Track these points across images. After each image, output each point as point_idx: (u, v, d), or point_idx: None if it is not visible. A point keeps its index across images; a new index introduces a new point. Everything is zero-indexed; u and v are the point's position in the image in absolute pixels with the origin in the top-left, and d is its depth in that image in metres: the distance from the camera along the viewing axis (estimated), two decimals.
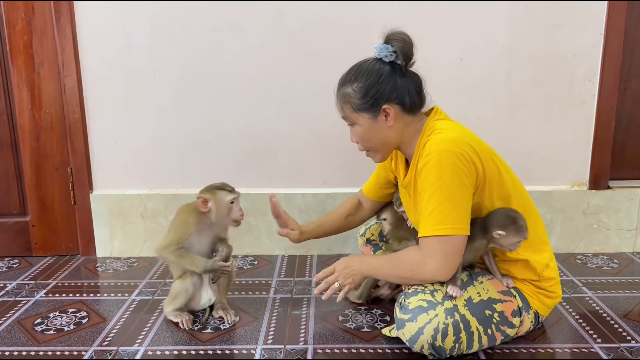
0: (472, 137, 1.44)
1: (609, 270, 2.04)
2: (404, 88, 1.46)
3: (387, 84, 1.44)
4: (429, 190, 1.38)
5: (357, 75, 1.47)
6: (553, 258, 1.55)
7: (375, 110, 1.45)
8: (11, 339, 1.58)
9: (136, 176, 2.18)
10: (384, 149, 1.54)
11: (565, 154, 2.16)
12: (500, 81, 2.09)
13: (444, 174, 1.35)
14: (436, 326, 1.36)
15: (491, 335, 1.43)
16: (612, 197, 2.17)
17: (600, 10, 2.03)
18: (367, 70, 1.46)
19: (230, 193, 1.61)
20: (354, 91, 1.46)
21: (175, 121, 2.14)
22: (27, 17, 2.04)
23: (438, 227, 1.36)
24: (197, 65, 2.09)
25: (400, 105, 1.46)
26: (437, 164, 1.36)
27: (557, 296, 1.55)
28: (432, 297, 1.40)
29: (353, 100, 1.47)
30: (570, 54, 2.07)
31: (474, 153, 1.38)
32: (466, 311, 1.39)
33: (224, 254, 1.64)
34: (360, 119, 1.48)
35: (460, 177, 1.35)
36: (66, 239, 2.24)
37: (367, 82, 1.45)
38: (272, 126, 2.14)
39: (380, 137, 1.50)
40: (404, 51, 1.45)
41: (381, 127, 1.48)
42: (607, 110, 2.11)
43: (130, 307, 1.77)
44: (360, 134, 1.51)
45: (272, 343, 1.54)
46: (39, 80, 2.10)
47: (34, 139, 2.14)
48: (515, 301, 1.47)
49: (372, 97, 1.45)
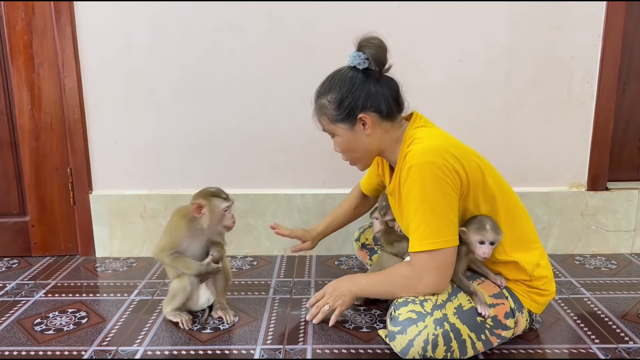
0: (453, 143, 1.42)
1: (607, 271, 2.05)
2: (379, 95, 1.45)
3: (361, 92, 1.44)
4: (413, 205, 1.38)
5: (330, 86, 1.47)
6: (544, 256, 1.54)
7: (352, 120, 1.46)
8: (11, 339, 1.58)
9: (136, 176, 2.19)
10: (366, 157, 1.55)
11: (563, 155, 2.17)
12: (499, 82, 2.10)
13: (427, 187, 1.35)
14: (426, 338, 1.36)
15: (486, 340, 1.42)
16: (610, 198, 2.18)
17: (599, 12, 2.04)
18: (340, 80, 1.46)
19: (225, 201, 1.62)
20: (329, 102, 1.47)
21: (175, 121, 2.14)
22: (27, 18, 2.04)
23: (426, 242, 1.37)
24: (197, 65, 2.09)
25: (376, 112, 1.46)
26: (419, 178, 1.35)
27: (550, 293, 1.53)
28: (422, 307, 1.40)
29: (329, 111, 1.47)
30: (569, 56, 2.07)
31: (455, 161, 1.36)
32: (456, 320, 1.38)
33: (215, 256, 1.64)
34: (338, 130, 1.49)
35: (444, 187, 1.35)
36: (65, 239, 2.24)
37: (340, 92, 1.45)
38: (272, 127, 2.15)
39: (360, 146, 1.50)
40: (377, 57, 1.43)
41: (360, 136, 1.48)
42: (606, 111, 2.12)
43: (129, 307, 1.78)
44: (341, 144, 1.52)
45: (272, 343, 1.54)
46: (39, 80, 2.10)
47: (34, 139, 2.15)
48: (507, 303, 1.47)
49: (346, 107, 1.44)
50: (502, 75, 2.09)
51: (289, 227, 1.88)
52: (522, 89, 2.11)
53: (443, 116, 2.09)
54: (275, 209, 2.20)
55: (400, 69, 1.50)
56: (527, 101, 2.11)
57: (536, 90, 2.11)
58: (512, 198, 1.51)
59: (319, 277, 2.01)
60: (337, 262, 2.16)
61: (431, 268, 1.39)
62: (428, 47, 2.07)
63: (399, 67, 1.50)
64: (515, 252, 1.48)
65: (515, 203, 1.52)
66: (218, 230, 1.66)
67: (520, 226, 1.50)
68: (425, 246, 1.37)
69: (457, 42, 2.07)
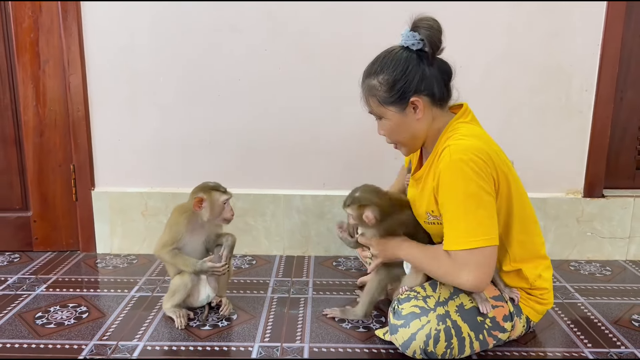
0: (493, 149, 1.40)
1: (601, 277, 2.07)
2: (433, 78, 1.41)
3: (415, 75, 1.39)
4: (453, 202, 1.35)
5: (382, 66, 1.42)
6: (549, 270, 1.54)
7: (403, 103, 1.41)
8: (12, 332, 1.60)
9: (137, 174, 2.21)
10: (412, 143, 1.50)
11: (560, 162, 2.19)
12: (497, 89, 2.13)
13: (469, 184, 1.32)
14: (428, 332, 1.38)
15: (483, 340, 1.45)
16: (606, 205, 2.20)
17: (597, 20, 2.07)
18: (394, 61, 1.40)
19: (224, 194, 1.67)
20: (380, 84, 1.41)
21: (177, 121, 2.17)
22: (34, 15, 2.07)
23: (468, 240, 1.33)
24: (200, 66, 2.12)
25: (429, 96, 1.42)
26: (462, 175, 1.32)
27: (548, 303, 1.56)
28: (425, 303, 1.42)
29: (379, 93, 1.42)
30: (567, 63, 2.10)
31: (492, 166, 1.35)
32: (457, 317, 1.41)
33: (229, 243, 1.70)
34: (387, 113, 1.44)
35: (485, 187, 1.33)
36: (67, 234, 2.27)
37: (393, 74, 1.39)
38: (273, 127, 2.17)
39: (408, 131, 1.46)
40: (431, 39, 1.39)
41: (409, 120, 1.43)
42: (603, 119, 2.14)
43: (129, 303, 1.80)
44: (388, 127, 1.47)
45: (269, 341, 1.57)
46: (44, 77, 2.13)
47: (38, 135, 2.17)
48: (506, 306, 1.48)
49: (399, 89, 1.39)
50: (500, 82, 2.12)
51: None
52: (520, 96, 2.13)
53: None
54: (274, 209, 2.23)
55: None
56: (524, 108, 2.14)
57: (534, 98, 2.13)
58: (528, 213, 1.49)
59: (317, 277, 2.03)
60: (335, 263, 2.18)
61: (472, 266, 1.34)
62: None
63: None
64: (521, 263, 1.49)
65: (531, 218, 1.50)
66: (217, 224, 1.70)
67: (531, 241, 1.50)
68: (466, 244, 1.33)
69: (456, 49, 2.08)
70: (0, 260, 2.17)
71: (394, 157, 2.03)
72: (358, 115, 2.13)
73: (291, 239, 2.26)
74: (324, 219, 2.22)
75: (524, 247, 1.48)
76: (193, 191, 1.68)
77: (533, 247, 1.51)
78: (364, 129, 2.11)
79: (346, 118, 2.15)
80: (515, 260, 1.48)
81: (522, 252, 1.48)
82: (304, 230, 2.25)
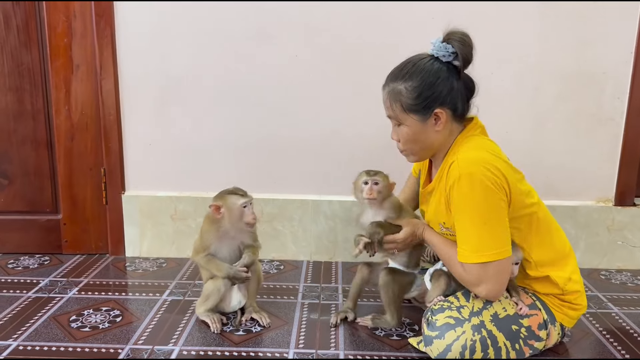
0: (502, 159, 1.41)
1: (633, 286, 2.05)
2: (458, 92, 1.42)
3: (443, 87, 1.40)
4: (464, 216, 1.36)
5: (412, 74, 1.41)
6: (577, 270, 1.54)
7: (427, 112, 1.41)
8: (48, 335, 1.62)
9: (168, 178, 2.23)
10: (424, 153, 1.51)
11: (591, 170, 2.18)
12: (529, 96, 2.12)
13: (477, 198, 1.33)
14: (464, 343, 1.38)
15: (519, 350, 1.44)
16: (637, 214, 2.18)
17: (631, 28, 2.05)
18: (424, 70, 1.40)
19: (242, 197, 1.64)
20: (406, 90, 1.41)
21: (207, 126, 2.18)
22: (68, 20, 2.09)
23: (480, 255, 1.35)
24: (231, 72, 2.13)
25: (451, 110, 1.43)
26: (470, 189, 1.34)
27: (582, 307, 1.54)
28: (459, 313, 1.42)
29: (404, 99, 1.42)
30: (600, 71, 2.09)
31: (502, 177, 1.36)
32: (493, 327, 1.40)
33: (245, 262, 1.67)
34: (408, 120, 1.44)
35: (494, 199, 1.34)
36: (96, 237, 2.29)
37: (422, 83, 1.40)
38: (302, 133, 2.18)
39: (425, 141, 1.46)
40: (464, 53, 1.40)
41: (429, 130, 1.44)
42: (635, 128, 2.13)
43: (162, 307, 1.81)
44: (405, 135, 1.47)
45: (304, 347, 1.57)
46: (77, 81, 2.15)
47: (69, 139, 2.19)
48: (540, 314, 1.48)
49: (426, 98, 1.40)
50: (532, 89, 2.11)
51: None
52: (552, 104, 2.12)
53: None
54: (302, 214, 2.23)
55: None
56: (556, 116, 2.13)
57: (565, 105, 2.12)
58: (545, 215, 1.50)
59: (346, 284, 2.03)
60: None
61: (483, 279, 1.37)
62: None
63: None
64: (546, 267, 1.48)
65: (548, 220, 1.51)
66: (241, 229, 1.67)
67: (550, 243, 1.50)
68: (478, 258, 1.35)
69: (489, 56, 2.08)
70: (31, 263, 2.19)
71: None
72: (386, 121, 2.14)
73: (318, 244, 2.26)
74: (351, 224, 2.22)
75: (544, 250, 1.48)
76: (212, 200, 1.67)
77: (553, 247, 1.50)
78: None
79: (374, 124, 2.13)
80: (540, 265, 1.47)
81: (543, 254, 1.47)
82: (331, 235, 2.25)
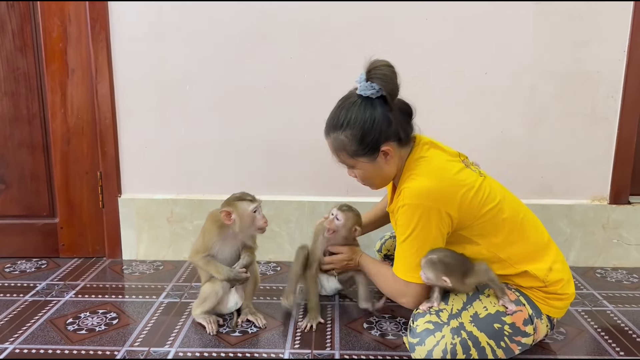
0: (448, 180, 1.43)
1: (628, 284, 2.06)
2: (397, 123, 1.45)
3: (382, 125, 1.42)
4: (402, 238, 1.46)
5: (348, 121, 1.43)
6: (558, 260, 1.51)
7: (375, 153, 1.45)
8: (45, 338, 1.62)
9: (164, 181, 2.23)
10: (383, 183, 1.58)
11: (586, 169, 2.18)
12: (524, 96, 2.12)
13: (415, 228, 1.41)
14: (444, 347, 1.39)
15: (506, 347, 1.44)
16: (632, 212, 2.19)
17: (624, 28, 2.06)
18: (359, 114, 1.42)
19: (252, 202, 1.64)
20: (348, 139, 1.44)
21: (203, 129, 2.19)
22: (63, 25, 2.10)
23: (407, 275, 1.47)
24: (226, 74, 2.14)
25: (396, 141, 1.46)
26: (409, 218, 1.41)
27: (569, 296, 1.52)
28: (438, 317, 1.43)
29: (349, 147, 1.45)
30: (594, 70, 2.10)
31: (447, 203, 1.40)
32: (473, 328, 1.41)
33: (244, 262, 1.68)
34: (358, 164, 1.49)
35: (431, 230, 1.41)
36: (93, 241, 2.29)
37: (362, 129, 1.42)
38: (298, 135, 2.18)
39: (380, 175, 1.52)
40: (388, 89, 1.41)
41: (380, 165, 1.49)
42: (629, 126, 2.13)
43: (159, 309, 1.81)
44: (361, 175, 1.53)
45: (300, 348, 1.57)
46: (72, 85, 2.15)
47: (65, 143, 2.20)
48: (525, 309, 1.46)
49: (369, 142, 1.43)
50: (527, 89, 2.12)
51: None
52: (546, 103, 2.13)
53: (468, 128, 2.14)
54: (299, 215, 2.24)
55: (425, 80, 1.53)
56: (551, 115, 2.14)
57: (560, 105, 2.13)
58: (512, 214, 1.49)
59: None
60: None
61: (407, 294, 1.50)
62: (456, 60, 2.10)
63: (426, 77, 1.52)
64: (522, 263, 1.47)
65: (517, 217, 1.50)
66: (251, 233, 1.69)
67: (523, 238, 1.49)
68: (405, 277, 1.48)
69: (484, 56, 2.10)
70: (28, 267, 2.20)
71: None
72: None
73: None
74: None
75: (518, 249, 1.47)
76: (221, 205, 1.66)
77: (528, 244, 1.49)
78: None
79: None
80: (515, 262, 1.47)
81: (517, 253, 1.47)
82: None
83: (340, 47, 2.10)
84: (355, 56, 2.09)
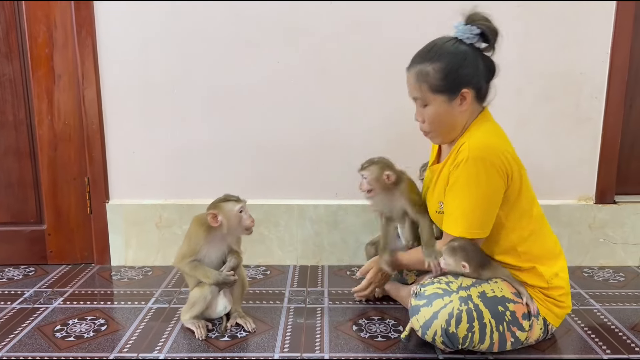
0: (511, 147, 1.49)
1: (615, 283, 2.08)
2: (482, 73, 1.47)
3: (469, 68, 1.45)
4: (462, 193, 1.44)
5: (439, 55, 1.45)
6: (565, 271, 1.58)
7: (454, 93, 1.46)
8: (32, 345, 1.61)
9: (152, 186, 2.23)
10: (448, 134, 1.54)
11: (572, 169, 2.21)
12: (509, 97, 2.13)
13: (479, 181, 1.41)
14: (451, 311, 1.40)
15: (502, 333, 1.45)
16: (617, 211, 2.21)
17: (606, 29, 2.09)
18: (450, 52, 1.45)
19: (237, 202, 1.65)
20: (434, 71, 1.45)
21: (191, 133, 2.18)
22: (49, 31, 2.09)
23: (467, 231, 1.45)
24: (213, 78, 2.14)
25: (476, 90, 1.48)
26: (474, 172, 1.41)
27: (567, 307, 1.57)
28: (447, 286, 1.46)
29: (431, 80, 1.46)
30: (578, 72, 2.12)
31: (507, 162, 1.43)
32: (480, 302, 1.43)
33: (231, 264, 1.68)
34: (435, 101, 1.48)
35: (494, 185, 1.41)
36: (81, 247, 2.28)
37: (449, 64, 1.44)
38: (285, 139, 2.19)
39: (450, 121, 1.51)
40: (488, 34, 1.45)
41: (454, 110, 1.49)
42: (613, 126, 2.16)
43: (147, 315, 1.81)
44: (431, 115, 1.50)
45: (289, 351, 1.57)
46: (59, 91, 2.15)
47: (52, 149, 2.19)
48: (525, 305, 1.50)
49: (453, 79, 1.44)
50: (512, 90, 2.13)
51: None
52: (531, 104, 2.15)
53: None
54: (288, 219, 2.24)
55: None
56: (536, 116, 2.16)
57: (545, 106, 2.15)
58: (538, 215, 1.55)
59: (332, 287, 2.04)
60: (349, 272, 2.19)
61: None
62: None
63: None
64: (534, 260, 1.52)
65: (541, 220, 1.56)
66: (239, 234, 1.69)
67: (541, 240, 1.54)
68: (464, 233, 1.45)
69: None
70: (16, 274, 2.18)
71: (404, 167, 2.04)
72: (370, 126, 2.16)
73: (304, 248, 2.27)
74: (337, 228, 2.24)
75: (534, 242, 1.52)
76: (207, 209, 1.66)
77: (544, 244, 1.54)
78: (376, 140, 2.13)
79: (358, 129, 2.17)
80: (528, 258, 1.51)
81: (532, 247, 1.51)
82: (317, 240, 2.26)
83: (330, 51, 2.11)
84: (344, 60, 2.12)
